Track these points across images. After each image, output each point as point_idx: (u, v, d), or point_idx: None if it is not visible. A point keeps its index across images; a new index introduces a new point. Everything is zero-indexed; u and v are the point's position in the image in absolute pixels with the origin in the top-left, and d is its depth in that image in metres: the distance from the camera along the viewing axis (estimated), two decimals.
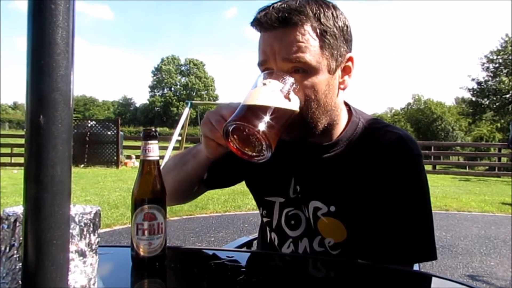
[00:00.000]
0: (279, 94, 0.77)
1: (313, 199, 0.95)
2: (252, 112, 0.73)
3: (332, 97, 0.88)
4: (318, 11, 0.83)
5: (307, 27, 0.82)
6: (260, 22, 0.84)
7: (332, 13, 0.85)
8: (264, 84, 0.78)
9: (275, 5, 0.83)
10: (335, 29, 0.85)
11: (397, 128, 0.97)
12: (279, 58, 0.82)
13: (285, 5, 0.82)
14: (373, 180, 0.89)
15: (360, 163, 0.91)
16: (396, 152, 0.90)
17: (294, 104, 0.79)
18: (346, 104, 0.98)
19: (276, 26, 0.82)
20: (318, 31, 0.83)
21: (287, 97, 0.77)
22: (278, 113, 0.75)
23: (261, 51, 0.86)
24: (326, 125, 0.90)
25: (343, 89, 0.92)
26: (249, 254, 1.13)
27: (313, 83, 0.83)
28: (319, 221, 0.95)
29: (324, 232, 0.95)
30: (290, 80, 0.79)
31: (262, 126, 0.72)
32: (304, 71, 0.83)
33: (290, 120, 0.78)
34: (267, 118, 0.73)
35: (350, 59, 0.90)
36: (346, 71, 0.91)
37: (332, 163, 0.94)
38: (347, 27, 0.88)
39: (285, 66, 0.82)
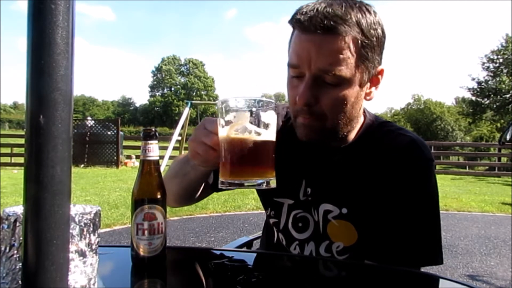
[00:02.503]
0: (258, 131, 0.71)
1: (324, 201, 0.94)
2: (237, 168, 0.72)
3: (357, 108, 0.89)
4: (363, 20, 0.80)
5: (349, 39, 0.79)
6: (303, 25, 0.80)
7: (373, 21, 0.82)
8: (233, 123, 0.72)
9: (319, 7, 0.79)
10: (374, 40, 0.83)
11: (410, 131, 0.97)
12: (314, 66, 0.80)
13: (331, 10, 0.78)
14: (384, 182, 0.89)
15: (372, 165, 0.91)
16: (408, 156, 0.90)
17: (271, 131, 0.74)
18: None
19: (318, 32, 0.78)
20: (359, 43, 0.80)
21: (265, 127, 0.72)
22: (263, 153, 0.73)
23: (295, 53, 0.83)
24: (346, 132, 0.91)
25: (369, 100, 0.91)
26: (249, 254, 1.13)
27: (344, 95, 0.83)
28: (329, 224, 0.94)
29: (333, 236, 0.94)
30: (258, 105, 0.73)
31: (252, 175, 0.71)
32: (337, 83, 0.81)
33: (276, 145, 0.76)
34: (254, 163, 0.72)
35: (381, 71, 0.89)
36: (374, 82, 0.90)
37: (345, 165, 0.94)
38: (384, 37, 0.86)
39: (318, 74, 0.81)
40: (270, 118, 0.73)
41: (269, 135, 0.73)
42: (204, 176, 0.96)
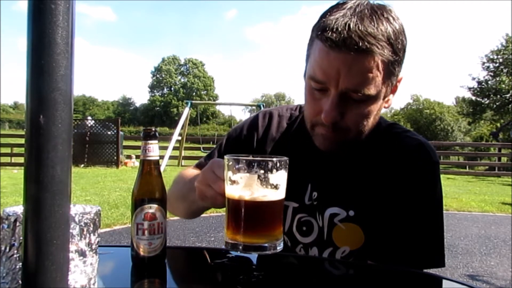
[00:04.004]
0: (265, 194, 0.68)
1: (331, 205, 0.93)
2: (243, 231, 0.69)
3: (378, 118, 0.89)
4: (392, 34, 0.78)
5: (380, 58, 0.78)
6: (335, 44, 0.76)
7: (399, 31, 0.80)
8: (240, 185, 0.69)
9: (351, 24, 0.75)
10: (401, 54, 0.82)
11: (416, 134, 0.97)
12: (342, 85, 0.79)
13: (363, 28, 0.75)
14: (391, 184, 0.89)
15: (380, 166, 0.91)
16: (416, 159, 0.90)
17: (280, 191, 0.70)
18: None
19: (351, 53, 0.76)
20: (389, 62, 0.79)
21: (274, 188, 0.69)
22: (270, 216, 0.70)
23: (321, 69, 0.80)
24: (364, 140, 0.91)
25: (387, 107, 0.91)
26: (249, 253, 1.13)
27: (369, 110, 0.84)
28: (335, 229, 0.93)
29: (339, 240, 0.93)
30: (268, 164, 0.68)
31: (258, 237, 0.69)
32: (363, 100, 0.81)
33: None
34: (260, 226, 0.69)
35: (400, 79, 0.89)
36: (393, 90, 0.89)
37: (352, 167, 0.94)
38: (407, 42, 0.84)
39: (345, 92, 0.80)
40: (280, 179, 0.69)
41: (278, 195, 0.70)
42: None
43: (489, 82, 25.86)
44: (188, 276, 0.80)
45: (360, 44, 0.75)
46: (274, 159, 0.69)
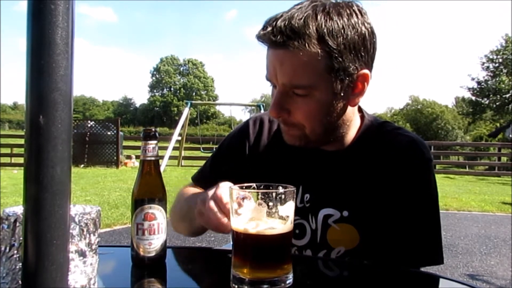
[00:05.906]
0: (274, 226, 0.66)
1: (324, 206, 0.93)
2: (250, 265, 0.66)
3: (336, 116, 0.87)
4: (325, 29, 0.76)
5: (309, 51, 0.76)
6: (263, 40, 0.80)
7: (343, 26, 0.77)
8: (247, 217, 0.66)
9: (279, 20, 0.77)
10: (342, 47, 0.78)
11: (408, 131, 0.96)
12: (279, 80, 0.81)
13: (288, 24, 0.76)
14: (384, 182, 0.89)
15: (372, 165, 0.91)
16: (409, 156, 0.90)
17: (288, 223, 0.67)
18: (359, 109, 0.97)
19: (277, 47, 0.78)
20: (321, 53, 0.77)
21: (283, 219, 0.67)
22: (279, 249, 0.67)
23: (266, 66, 0.84)
24: (332, 137, 0.91)
25: (353, 106, 0.89)
26: None
27: (314, 106, 0.83)
28: (330, 230, 0.92)
29: (334, 242, 0.92)
30: (273, 194, 0.66)
31: (267, 272, 0.66)
32: (304, 94, 0.81)
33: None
34: (268, 260, 0.67)
35: (364, 76, 0.84)
36: (356, 88, 0.85)
37: (344, 168, 0.93)
38: (363, 39, 0.80)
39: (284, 88, 0.82)
40: (289, 210, 0.67)
41: (287, 227, 0.67)
42: None
43: (489, 82, 25.86)
44: (188, 276, 0.80)
45: (278, 38, 0.76)
46: (281, 190, 0.67)
